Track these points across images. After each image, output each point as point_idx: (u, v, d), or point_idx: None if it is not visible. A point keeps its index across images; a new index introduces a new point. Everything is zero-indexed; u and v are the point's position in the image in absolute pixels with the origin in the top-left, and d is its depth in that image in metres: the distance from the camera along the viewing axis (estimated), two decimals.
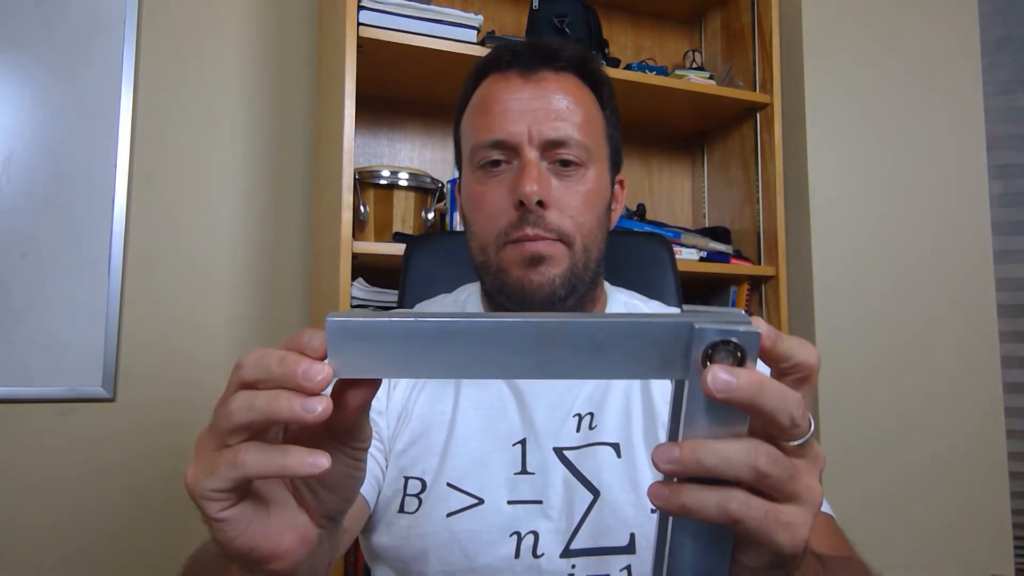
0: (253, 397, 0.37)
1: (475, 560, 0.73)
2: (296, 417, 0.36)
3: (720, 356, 0.36)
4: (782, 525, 0.37)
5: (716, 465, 0.36)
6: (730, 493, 0.37)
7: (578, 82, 0.83)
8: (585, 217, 0.79)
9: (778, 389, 0.36)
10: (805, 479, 0.38)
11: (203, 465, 0.38)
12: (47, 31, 1.59)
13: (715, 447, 0.36)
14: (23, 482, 1.51)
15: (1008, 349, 2.03)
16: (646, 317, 0.37)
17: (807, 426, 0.38)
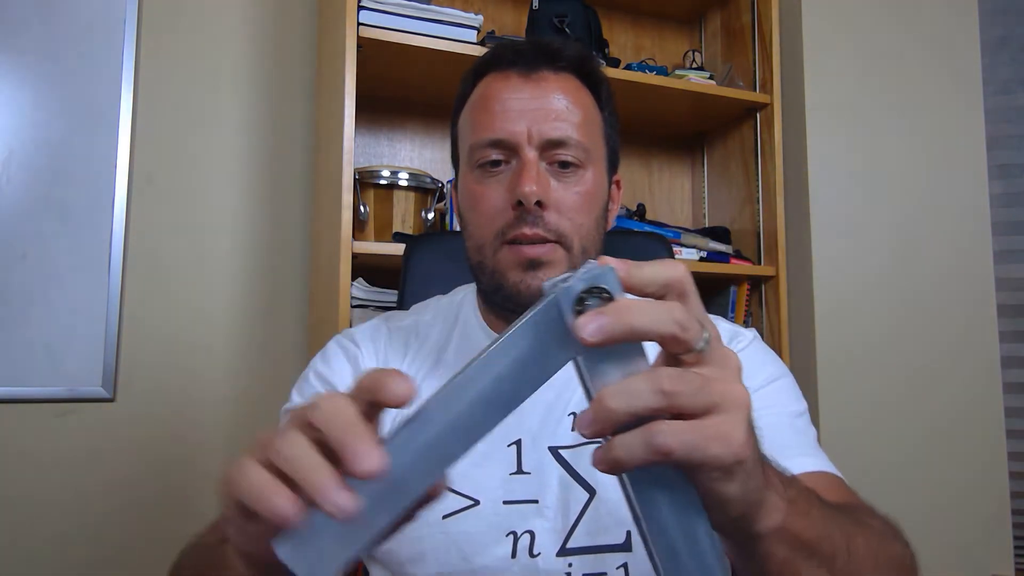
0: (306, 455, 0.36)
1: (472, 561, 0.73)
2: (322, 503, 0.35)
3: (591, 307, 0.37)
4: (712, 438, 0.37)
5: (626, 405, 0.36)
6: (650, 427, 0.36)
7: (577, 82, 0.83)
8: (583, 218, 0.79)
9: (648, 305, 0.37)
10: (718, 386, 0.38)
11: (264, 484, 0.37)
12: (47, 31, 1.59)
13: (617, 388, 0.36)
14: (23, 482, 1.51)
15: (1008, 349, 2.03)
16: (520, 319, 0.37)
17: (698, 330, 0.38)
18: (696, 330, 0.38)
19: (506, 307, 0.80)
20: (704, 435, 0.37)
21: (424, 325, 0.89)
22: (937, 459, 1.84)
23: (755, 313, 1.90)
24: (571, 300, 0.37)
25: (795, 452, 0.72)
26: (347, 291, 1.45)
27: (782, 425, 0.76)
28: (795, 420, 0.78)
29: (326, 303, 1.52)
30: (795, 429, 0.77)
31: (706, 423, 0.37)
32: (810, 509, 0.46)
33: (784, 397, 0.79)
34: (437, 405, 0.37)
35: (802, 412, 0.80)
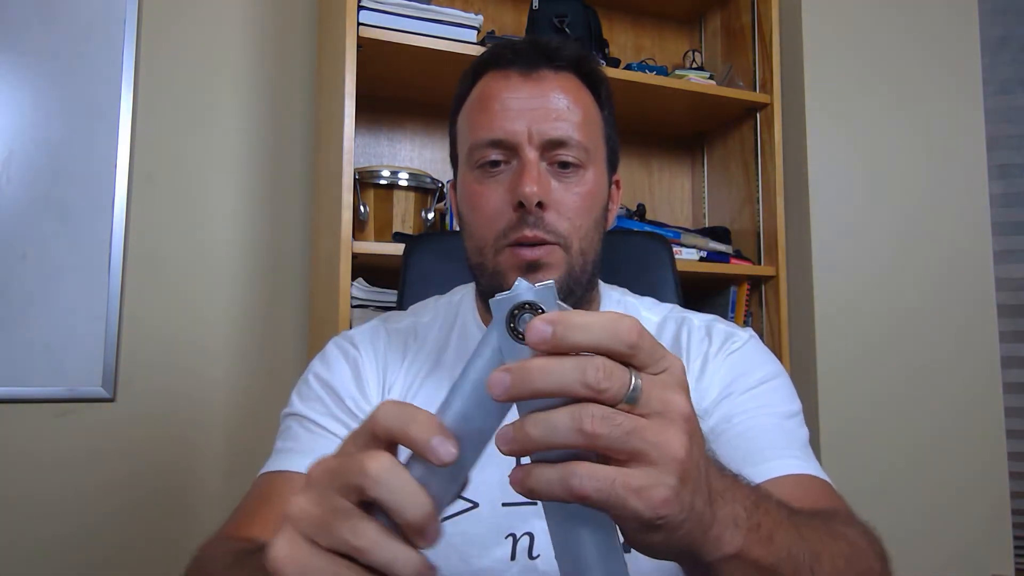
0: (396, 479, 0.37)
1: (471, 564, 0.73)
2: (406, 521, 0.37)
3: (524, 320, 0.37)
4: (632, 492, 0.35)
5: (544, 436, 0.35)
6: (571, 467, 0.35)
7: (577, 82, 0.83)
8: (583, 219, 0.79)
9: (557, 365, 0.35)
10: (650, 434, 0.36)
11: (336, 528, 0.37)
12: (47, 31, 1.59)
13: (540, 417, 0.36)
14: (23, 482, 1.51)
15: (1008, 349, 2.03)
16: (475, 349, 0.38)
17: (620, 385, 0.36)
18: (618, 386, 0.36)
19: None
20: (627, 486, 0.35)
21: (423, 327, 0.89)
22: (937, 459, 1.84)
23: (755, 313, 1.90)
24: (502, 321, 0.37)
25: (780, 454, 0.72)
26: (347, 291, 1.45)
27: (771, 426, 0.75)
28: (785, 421, 0.77)
29: (326, 303, 1.52)
30: (783, 430, 0.76)
31: (628, 474, 0.36)
32: (775, 531, 0.45)
33: (776, 397, 0.79)
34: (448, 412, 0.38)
35: (794, 413, 0.79)
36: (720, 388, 0.79)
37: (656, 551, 0.39)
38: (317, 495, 0.38)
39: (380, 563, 0.37)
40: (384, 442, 0.39)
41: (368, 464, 0.37)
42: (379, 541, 0.37)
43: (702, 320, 0.87)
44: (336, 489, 0.38)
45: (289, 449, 0.78)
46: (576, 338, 0.36)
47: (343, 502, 0.38)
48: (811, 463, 0.74)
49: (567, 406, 0.36)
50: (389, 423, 0.38)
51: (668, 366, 0.38)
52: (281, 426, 0.82)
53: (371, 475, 0.36)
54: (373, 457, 0.37)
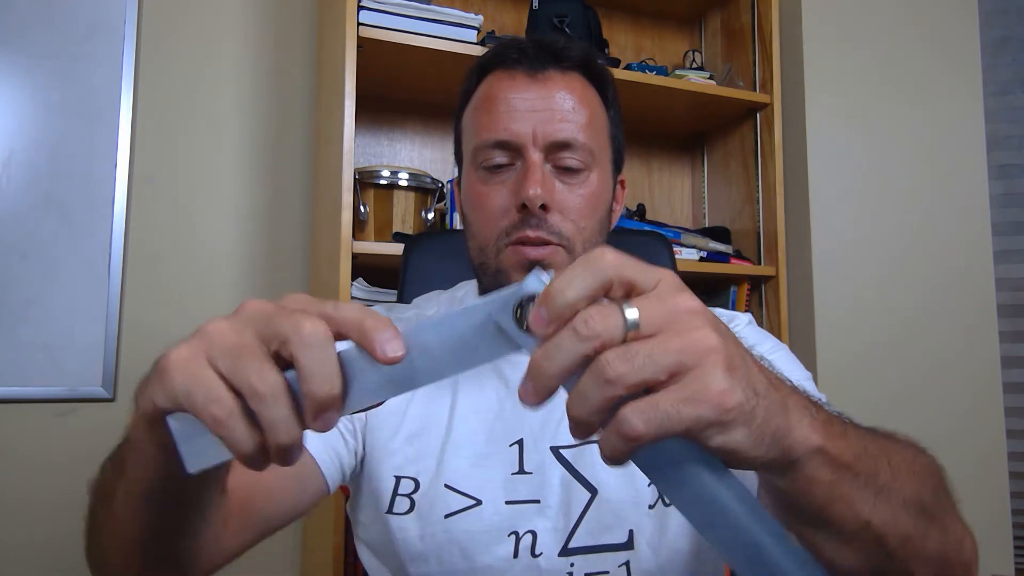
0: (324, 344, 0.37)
1: (474, 561, 0.73)
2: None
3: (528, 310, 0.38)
4: (683, 402, 0.35)
5: (588, 411, 0.35)
6: (618, 417, 0.35)
7: (583, 82, 0.82)
8: (587, 221, 0.79)
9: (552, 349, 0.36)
10: (673, 344, 0.35)
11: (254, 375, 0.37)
12: (47, 31, 1.59)
13: (573, 396, 0.36)
14: (23, 482, 1.51)
15: (1008, 349, 2.03)
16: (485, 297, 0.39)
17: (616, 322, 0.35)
18: (612, 322, 0.35)
19: None
20: (671, 403, 0.35)
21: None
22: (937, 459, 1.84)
23: (755, 313, 1.90)
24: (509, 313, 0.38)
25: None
26: (347, 291, 1.45)
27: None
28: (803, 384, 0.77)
29: None
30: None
31: (670, 390, 0.35)
32: (845, 430, 0.44)
33: (786, 366, 0.80)
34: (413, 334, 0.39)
35: (807, 378, 0.80)
36: None
37: (751, 454, 0.37)
38: (239, 326, 0.39)
39: (267, 416, 0.37)
40: (333, 326, 0.38)
41: (304, 323, 0.37)
42: (277, 394, 0.37)
43: None
44: (260, 330, 0.38)
45: None
46: (566, 299, 0.36)
47: (260, 345, 0.38)
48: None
49: (587, 371, 0.35)
50: (349, 311, 0.38)
51: (660, 276, 0.39)
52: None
53: (303, 334, 0.36)
54: (312, 320, 0.37)
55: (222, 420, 0.37)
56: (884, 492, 0.45)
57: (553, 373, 0.36)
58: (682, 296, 0.37)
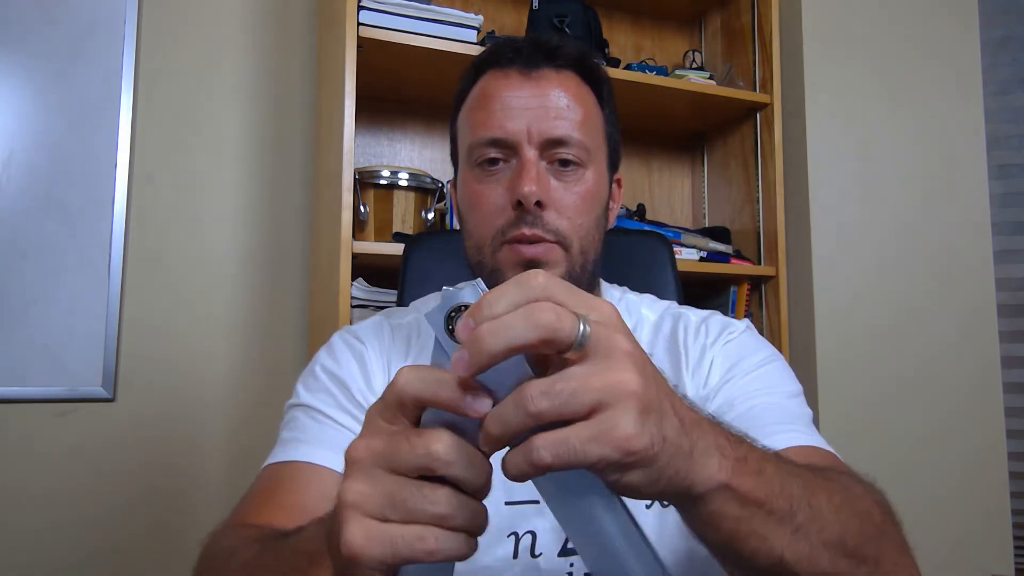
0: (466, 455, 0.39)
1: (473, 562, 0.73)
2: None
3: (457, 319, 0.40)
4: (590, 440, 0.36)
5: (501, 431, 0.37)
6: (528, 444, 0.37)
7: (578, 80, 0.83)
8: (583, 218, 0.79)
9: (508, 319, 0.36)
10: (596, 381, 0.36)
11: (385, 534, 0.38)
12: (47, 31, 1.59)
13: (493, 415, 0.37)
14: (23, 482, 1.51)
15: (1008, 349, 2.03)
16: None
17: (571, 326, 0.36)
18: (569, 327, 0.36)
19: None
20: (579, 440, 0.36)
21: (426, 323, 0.89)
22: (937, 459, 1.84)
23: (755, 313, 1.90)
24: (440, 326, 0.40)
25: (783, 428, 0.72)
26: (347, 291, 1.45)
27: (773, 404, 0.75)
28: (787, 400, 0.77)
29: (326, 303, 1.52)
30: (785, 408, 0.76)
31: (581, 426, 0.36)
32: (764, 466, 0.45)
33: (776, 379, 0.79)
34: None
35: (796, 393, 0.79)
36: (720, 374, 0.79)
37: (645, 492, 0.39)
38: (372, 478, 0.39)
39: (463, 524, 0.39)
40: (412, 409, 0.40)
41: (434, 446, 0.38)
42: (457, 504, 0.38)
43: (698, 315, 0.87)
44: (393, 470, 0.39)
45: (296, 439, 0.77)
46: (493, 311, 0.37)
47: (402, 479, 0.38)
48: (815, 436, 0.73)
49: (510, 395, 0.37)
50: (416, 389, 0.39)
51: (598, 307, 0.39)
52: (286, 417, 0.82)
53: (441, 457, 0.38)
54: (437, 438, 0.38)
55: (435, 550, 0.38)
56: (802, 530, 0.45)
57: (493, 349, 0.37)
58: (619, 335, 0.38)
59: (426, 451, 0.38)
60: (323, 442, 0.74)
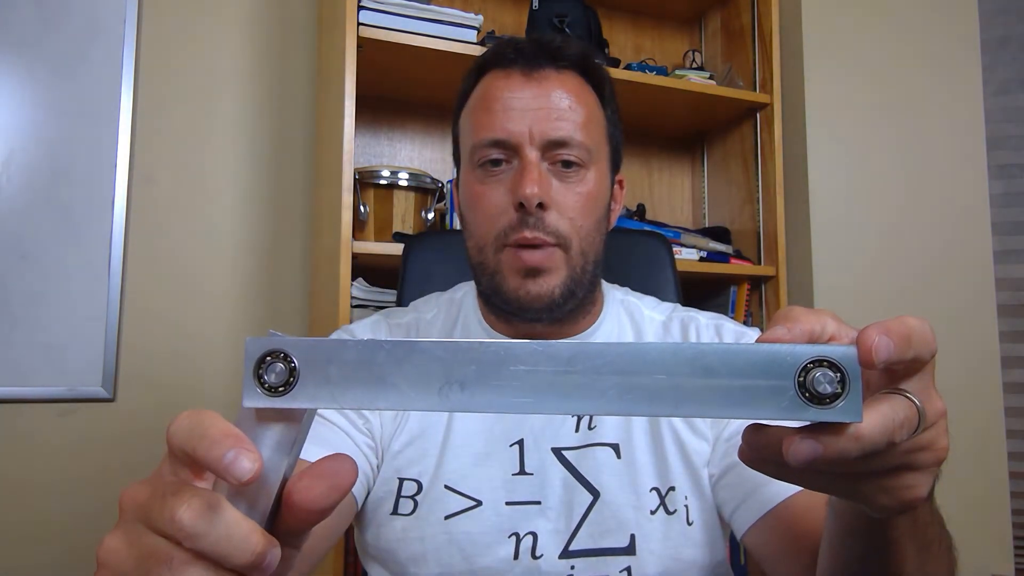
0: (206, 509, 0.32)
1: (474, 562, 0.73)
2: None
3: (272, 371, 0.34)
4: (928, 450, 0.43)
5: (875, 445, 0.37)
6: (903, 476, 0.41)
7: (580, 80, 0.82)
8: (584, 220, 0.78)
9: (917, 325, 0.39)
10: (928, 404, 0.42)
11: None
12: (47, 31, 1.59)
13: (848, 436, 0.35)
14: (23, 482, 1.51)
15: (1008, 349, 2.03)
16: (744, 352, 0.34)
17: (932, 357, 0.40)
18: (929, 417, 0.42)
19: (504, 309, 0.80)
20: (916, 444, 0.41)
21: (425, 323, 0.89)
22: None
23: (755, 313, 1.90)
24: (249, 372, 0.35)
25: None
26: (347, 291, 1.45)
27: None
28: None
29: (326, 303, 1.52)
30: None
31: (922, 440, 0.42)
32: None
33: None
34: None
35: None
36: None
37: (921, 499, 0.46)
38: (129, 535, 0.34)
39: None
40: (189, 463, 0.35)
41: (179, 512, 0.31)
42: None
43: (709, 319, 0.87)
44: (149, 528, 0.33)
45: None
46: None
47: (159, 542, 0.32)
48: None
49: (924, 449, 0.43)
50: (179, 442, 0.34)
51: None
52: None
53: (185, 528, 0.31)
54: (186, 502, 0.32)
55: None
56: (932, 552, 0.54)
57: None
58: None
59: (171, 517, 0.31)
60: (317, 440, 0.75)
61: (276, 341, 0.35)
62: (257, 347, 0.35)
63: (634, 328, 0.87)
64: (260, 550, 0.32)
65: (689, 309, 0.90)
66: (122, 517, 0.35)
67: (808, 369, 0.33)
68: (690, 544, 0.75)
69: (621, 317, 0.88)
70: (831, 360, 0.33)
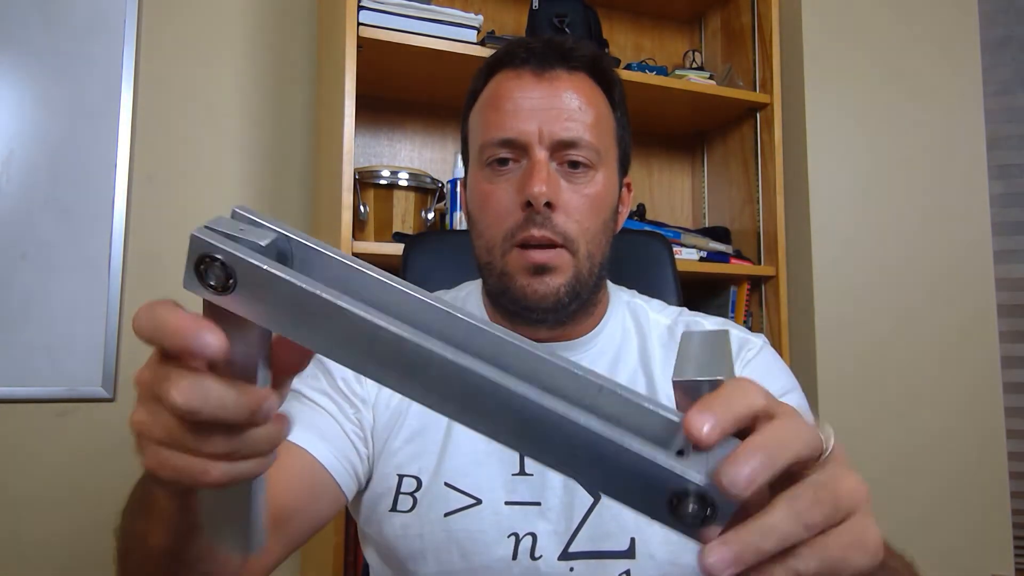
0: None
1: (472, 561, 0.73)
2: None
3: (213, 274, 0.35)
4: (849, 548, 0.35)
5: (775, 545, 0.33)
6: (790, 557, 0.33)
7: (590, 82, 0.82)
8: (591, 222, 0.78)
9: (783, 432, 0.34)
10: (843, 486, 0.35)
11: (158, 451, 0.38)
12: (48, 31, 1.59)
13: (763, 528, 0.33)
14: (23, 482, 1.51)
15: (1008, 349, 2.03)
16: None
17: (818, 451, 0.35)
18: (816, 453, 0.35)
19: (511, 309, 0.80)
20: (840, 547, 0.34)
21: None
22: (937, 459, 1.84)
23: (755, 313, 1.90)
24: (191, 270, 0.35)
25: None
26: None
27: None
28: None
29: None
30: None
31: (839, 535, 0.35)
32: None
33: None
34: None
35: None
36: None
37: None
38: (149, 409, 0.38)
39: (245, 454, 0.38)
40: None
41: (170, 396, 0.35)
42: (232, 443, 0.37)
43: (714, 324, 0.87)
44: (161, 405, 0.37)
45: None
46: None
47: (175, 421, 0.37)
48: None
49: (780, 506, 0.33)
50: (146, 337, 0.36)
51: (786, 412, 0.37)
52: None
53: (180, 408, 0.35)
54: (171, 386, 0.35)
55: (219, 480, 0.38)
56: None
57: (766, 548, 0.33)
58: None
59: (167, 401, 0.35)
60: (303, 422, 0.75)
61: (213, 248, 0.34)
62: (197, 247, 0.34)
63: (638, 331, 0.87)
64: (255, 405, 0.36)
65: (696, 314, 0.89)
66: (139, 394, 0.39)
67: (680, 498, 0.33)
68: (689, 549, 0.75)
69: (626, 320, 0.88)
70: (698, 494, 0.32)
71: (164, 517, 0.48)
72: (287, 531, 0.70)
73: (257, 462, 0.39)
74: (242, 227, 0.37)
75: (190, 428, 0.37)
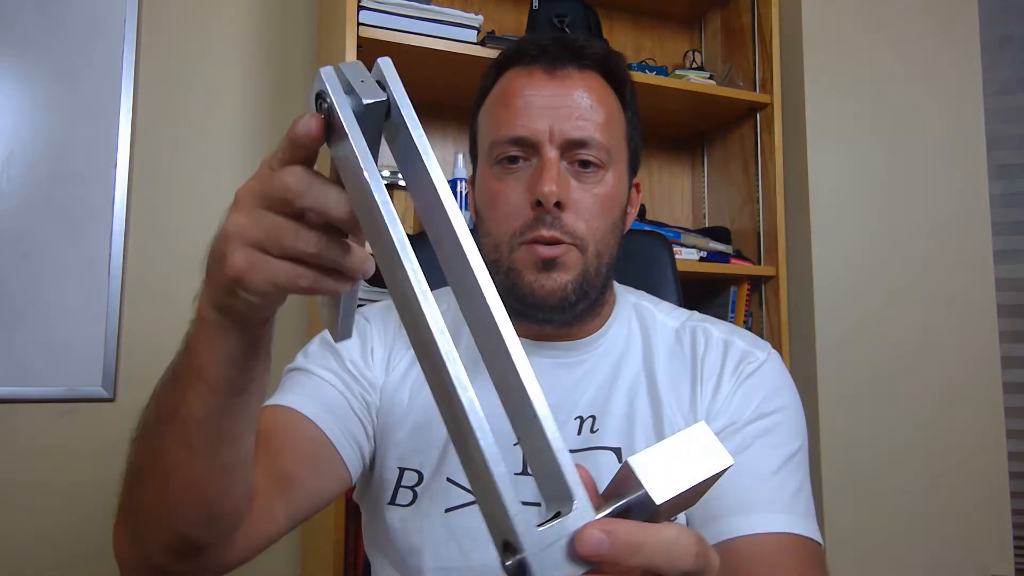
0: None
1: (471, 558, 0.73)
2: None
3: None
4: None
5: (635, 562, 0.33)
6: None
7: (601, 81, 0.82)
8: (600, 222, 0.78)
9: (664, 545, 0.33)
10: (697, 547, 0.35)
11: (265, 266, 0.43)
12: (48, 31, 1.59)
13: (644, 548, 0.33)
14: (23, 482, 1.51)
15: (1008, 349, 2.03)
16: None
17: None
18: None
19: (517, 307, 0.79)
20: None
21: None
22: (937, 459, 1.84)
23: (755, 313, 1.90)
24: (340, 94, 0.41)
25: (769, 507, 0.70)
26: None
27: (765, 473, 0.72)
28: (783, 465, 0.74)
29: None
30: (777, 480, 0.73)
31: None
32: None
33: (779, 436, 0.75)
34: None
35: (793, 453, 0.75)
36: (728, 418, 0.77)
37: None
38: (251, 215, 0.44)
39: (332, 261, 0.43)
40: (300, 155, 0.44)
41: (287, 179, 0.42)
42: (326, 244, 0.43)
43: (721, 332, 0.84)
44: (266, 207, 0.43)
45: (287, 390, 0.78)
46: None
47: (279, 218, 0.43)
48: (798, 517, 0.71)
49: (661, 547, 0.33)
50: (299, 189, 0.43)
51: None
52: (281, 379, 0.83)
53: (292, 187, 0.42)
54: (288, 172, 0.43)
55: (311, 287, 0.43)
56: None
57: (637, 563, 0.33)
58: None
59: (281, 185, 0.42)
60: (306, 392, 0.76)
61: (323, 90, 0.40)
62: (316, 83, 0.41)
63: (643, 333, 0.86)
64: (349, 207, 0.43)
65: (706, 319, 0.87)
66: (238, 204, 0.46)
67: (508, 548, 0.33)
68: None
69: (631, 321, 0.87)
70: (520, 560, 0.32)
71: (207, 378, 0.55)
72: (291, 499, 0.69)
73: (338, 279, 0.44)
74: (364, 80, 0.41)
75: (293, 227, 0.42)
